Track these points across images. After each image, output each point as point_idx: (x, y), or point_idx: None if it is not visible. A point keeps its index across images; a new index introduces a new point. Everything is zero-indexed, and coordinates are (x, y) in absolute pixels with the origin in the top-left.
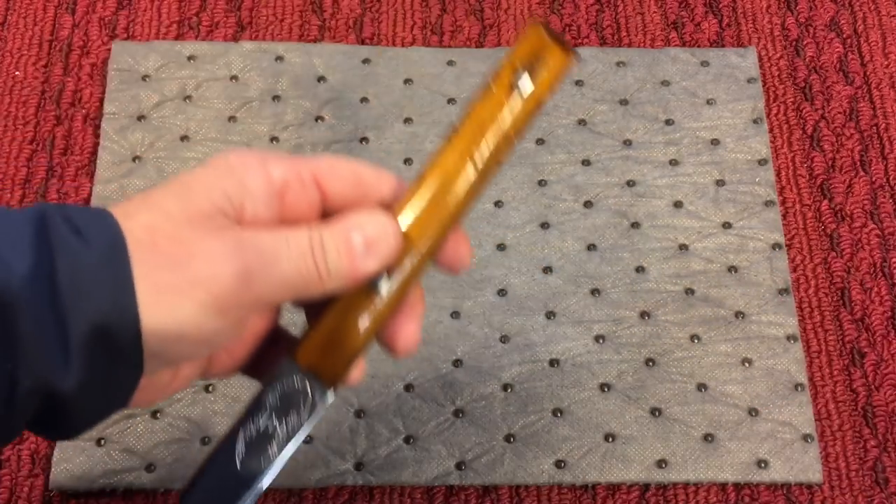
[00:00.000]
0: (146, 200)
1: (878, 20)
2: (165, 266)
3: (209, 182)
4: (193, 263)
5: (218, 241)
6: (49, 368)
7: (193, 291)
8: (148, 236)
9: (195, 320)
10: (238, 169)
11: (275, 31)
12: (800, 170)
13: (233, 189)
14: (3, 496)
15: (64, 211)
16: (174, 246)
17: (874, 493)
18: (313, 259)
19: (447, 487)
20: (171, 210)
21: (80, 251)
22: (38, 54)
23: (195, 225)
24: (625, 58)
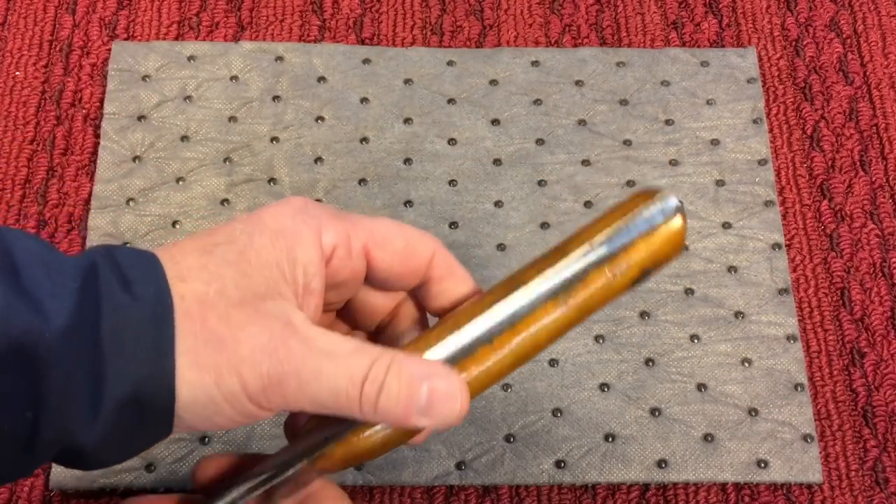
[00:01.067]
0: (203, 265)
1: (878, 20)
2: (210, 344)
3: (265, 255)
4: (238, 348)
5: (266, 331)
6: (75, 423)
7: (231, 377)
8: (199, 309)
9: (228, 402)
10: (293, 238)
11: (275, 31)
12: (800, 170)
13: (287, 264)
14: (3, 496)
15: (113, 258)
16: (222, 325)
17: (874, 494)
18: (360, 390)
19: (447, 487)
20: (226, 284)
21: (126, 308)
22: (38, 54)
23: (248, 307)
24: (625, 58)
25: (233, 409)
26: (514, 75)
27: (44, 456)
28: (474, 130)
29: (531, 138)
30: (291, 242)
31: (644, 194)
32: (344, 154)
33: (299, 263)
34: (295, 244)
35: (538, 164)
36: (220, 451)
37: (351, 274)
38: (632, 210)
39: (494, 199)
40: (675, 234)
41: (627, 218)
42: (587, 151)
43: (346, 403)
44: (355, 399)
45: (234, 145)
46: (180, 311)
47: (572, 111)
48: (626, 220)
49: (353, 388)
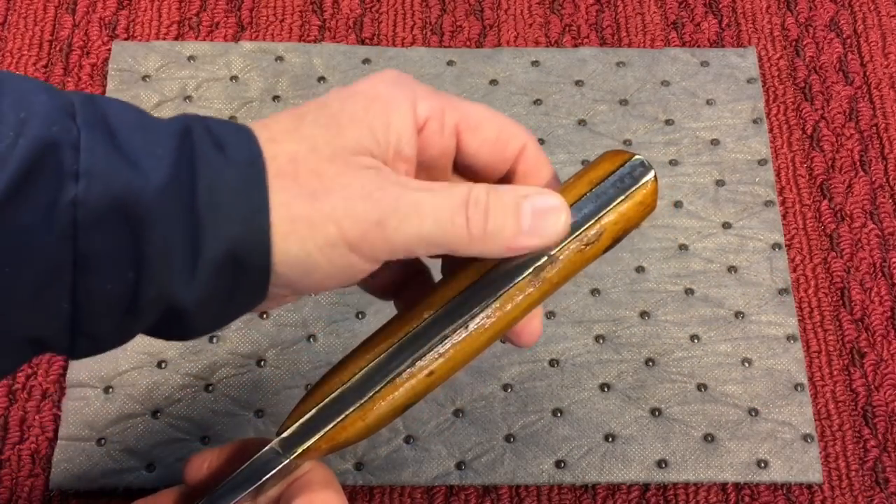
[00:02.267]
0: (295, 128)
1: (878, 20)
2: (303, 196)
3: (358, 117)
4: (330, 198)
5: (359, 179)
6: (174, 283)
7: (326, 226)
8: (291, 167)
9: (325, 255)
10: (387, 104)
11: (275, 31)
12: (800, 170)
13: (380, 127)
14: (4, 496)
15: (206, 123)
16: (314, 179)
17: (874, 493)
18: (466, 217)
19: (447, 487)
20: (317, 142)
21: (220, 168)
22: (38, 54)
23: (339, 161)
24: (625, 58)
25: (331, 262)
26: (514, 75)
27: (146, 318)
28: None
29: None
30: (386, 107)
31: (611, 159)
32: None
33: (393, 128)
34: (389, 109)
35: None
36: None
37: (440, 152)
38: (602, 178)
39: None
40: (648, 196)
41: (599, 189)
42: (587, 151)
43: (453, 231)
44: (462, 225)
45: None
46: (272, 169)
47: (572, 111)
48: (597, 190)
49: (458, 213)
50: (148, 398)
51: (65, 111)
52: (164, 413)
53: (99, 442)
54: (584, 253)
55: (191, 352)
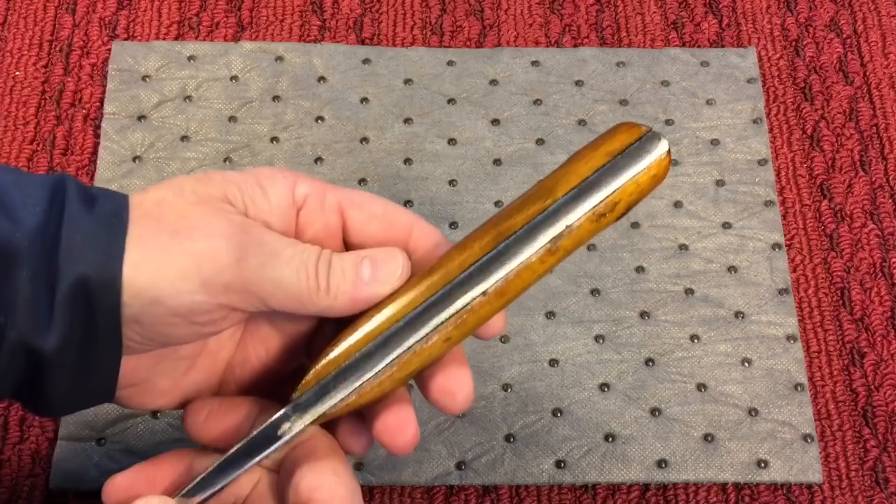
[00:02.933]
0: (165, 182)
1: (878, 20)
2: (164, 232)
3: (230, 178)
4: (192, 235)
5: (224, 221)
6: (34, 325)
7: (181, 258)
8: (156, 209)
9: (175, 287)
10: (264, 179)
11: (275, 32)
12: (800, 170)
13: (251, 191)
14: (4, 496)
15: (82, 184)
16: (178, 219)
17: (874, 494)
18: (315, 271)
19: (447, 487)
20: (185, 189)
21: (84, 218)
22: (38, 54)
23: (205, 205)
24: (625, 58)
25: (179, 296)
26: (514, 75)
27: (9, 368)
28: (474, 130)
29: (531, 138)
30: (262, 181)
31: (627, 131)
32: (344, 154)
33: (265, 199)
34: (265, 183)
35: (538, 164)
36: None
37: (324, 229)
38: (619, 150)
39: (494, 199)
40: (662, 169)
41: (616, 160)
42: None
43: (305, 284)
44: (313, 278)
45: (234, 145)
46: (137, 212)
47: (572, 111)
48: (614, 162)
49: (310, 267)
50: None
51: None
52: (163, 413)
53: (99, 442)
54: (599, 222)
55: None
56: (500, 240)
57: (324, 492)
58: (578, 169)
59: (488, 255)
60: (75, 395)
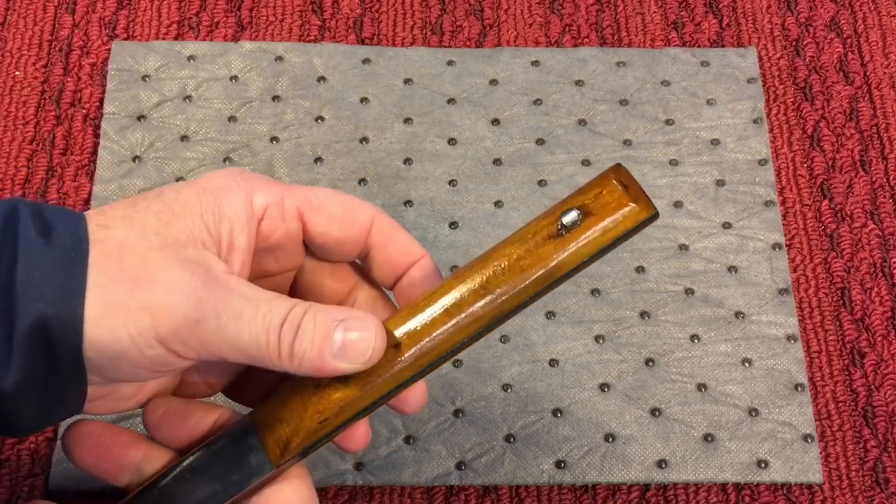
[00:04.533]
0: (128, 215)
1: (878, 20)
2: (123, 282)
3: (189, 206)
4: (151, 287)
5: (184, 273)
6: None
7: (141, 315)
8: (117, 251)
9: (135, 344)
10: (220, 194)
11: (275, 31)
12: (800, 170)
13: (212, 217)
14: (3, 496)
15: (38, 208)
16: (139, 266)
17: (874, 494)
18: (278, 336)
19: (447, 487)
20: (147, 230)
21: (41, 250)
22: (38, 54)
23: (167, 251)
24: (625, 58)
25: (140, 352)
26: (514, 75)
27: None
28: (474, 130)
29: (531, 138)
30: (219, 198)
31: (633, 216)
32: (344, 154)
33: (225, 218)
34: (222, 200)
35: (538, 164)
36: None
37: (286, 236)
38: (620, 236)
39: (494, 199)
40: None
41: (614, 244)
42: (587, 151)
43: (265, 349)
44: (274, 343)
45: (234, 145)
46: (97, 253)
47: (572, 111)
48: (612, 245)
49: (272, 331)
50: None
51: None
52: None
53: None
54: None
55: None
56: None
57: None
58: (580, 252)
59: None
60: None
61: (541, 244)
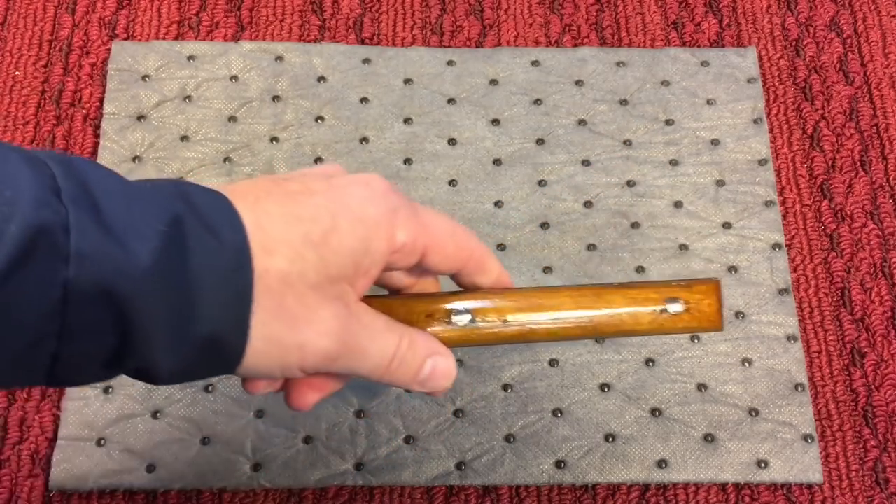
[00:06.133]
0: (289, 242)
1: (878, 20)
2: (283, 321)
3: (346, 244)
4: (305, 330)
5: (333, 317)
6: (154, 355)
7: (292, 352)
8: (278, 287)
9: (281, 370)
10: (371, 229)
11: (275, 31)
12: (800, 170)
13: (360, 255)
14: (3, 496)
15: (194, 201)
16: (298, 306)
17: (874, 494)
18: (388, 368)
19: (447, 487)
20: (307, 267)
21: (213, 252)
22: (38, 54)
23: (320, 291)
24: (625, 58)
25: (282, 374)
26: (514, 75)
27: (120, 372)
28: (474, 130)
29: (531, 138)
30: (370, 233)
31: (711, 317)
32: (344, 154)
33: (370, 254)
34: (373, 236)
35: (538, 164)
36: (221, 449)
37: (404, 266)
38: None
39: (494, 199)
40: None
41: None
42: (587, 151)
43: (376, 375)
44: (384, 371)
45: (234, 145)
46: (261, 285)
47: (572, 111)
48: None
49: (385, 363)
50: (148, 398)
51: (49, 188)
52: (163, 413)
53: (99, 442)
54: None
55: None
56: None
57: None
58: (663, 330)
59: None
60: (179, 381)
61: (642, 313)
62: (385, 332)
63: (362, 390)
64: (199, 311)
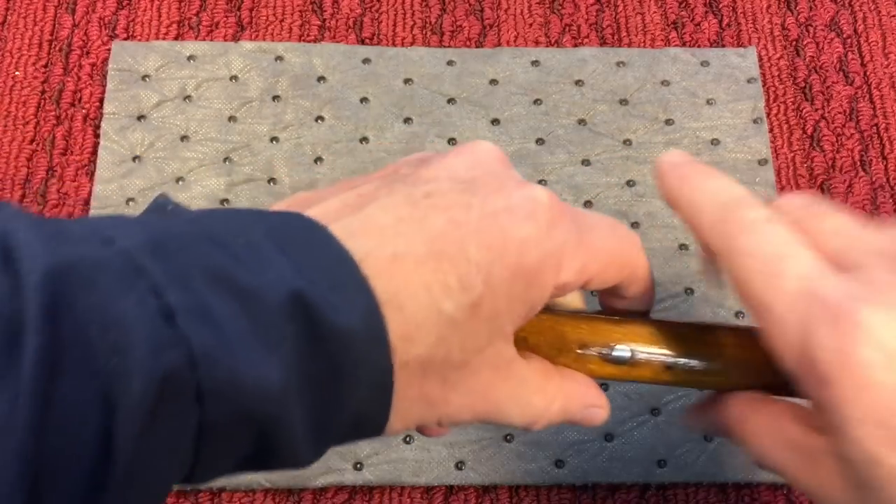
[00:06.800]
0: (428, 324)
1: (878, 20)
2: (420, 404)
3: (500, 307)
4: (445, 408)
5: (480, 383)
6: (294, 454)
7: (432, 418)
8: (420, 372)
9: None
10: (532, 278)
11: (275, 31)
12: (800, 170)
13: (519, 307)
14: None
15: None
16: (437, 388)
17: None
18: (534, 425)
19: (447, 487)
20: (451, 350)
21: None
22: (38, 54)
23: (467, 367)
24: (625, 58)
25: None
26: (514, 75)
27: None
28: (474, 130)
29: (531, 138)
30: (531, 281)
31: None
32: (344, 154)
33: (528, 304)
34: (533, 284)
35: (538, 164)
36: None
37: (558, 297)
38: None
39: None
40: None
41: None
42: (587, 151)
43: (526, 423)
44: (534, 422)
45: (234, 145)
46: (402, 376)
47: (572, 111)
48: None
49: (536, 414)
50: None
51: (163, 316)
52: None
53: None
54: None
55: None
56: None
57: None
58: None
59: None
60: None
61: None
62: (534, 395)
63: None
64: (341, 404)
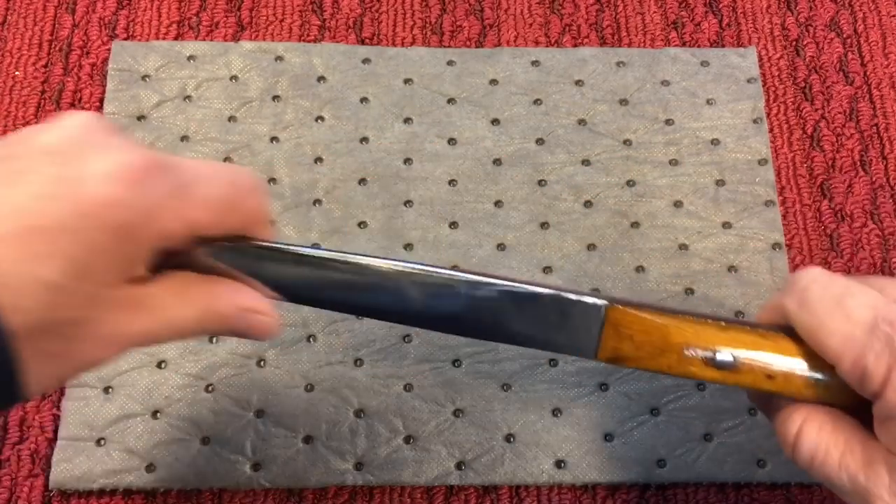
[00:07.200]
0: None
1: (878, 20)
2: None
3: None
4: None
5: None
6: None
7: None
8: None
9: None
10: (130, 232)
11: (275, 31)
12: (800, 170)
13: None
14: (3, 496)
15: None
16: (63, 346)
17: None
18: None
19: (447, 487)
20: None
21: None
22: (38, 54)
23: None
24: (625, 58)
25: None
26: (514, 75)
27: None
28: (474, 130)
29: (531, 138)
30: (126, 244)
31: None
32: (344, 154)
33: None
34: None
35: (538, 164)
36: (221, 449)
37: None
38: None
39: (494, 199)
40: None
41: None
42: (587, 151)
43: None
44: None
45: (234, 145)
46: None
47: (572, 111)
48: None
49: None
50: (148, 398)
51: None
52: (163, 413)
53: (98, 442)
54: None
55: (190, 352)
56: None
57: None
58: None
59: None
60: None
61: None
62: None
63: (362, 390)
64: None
